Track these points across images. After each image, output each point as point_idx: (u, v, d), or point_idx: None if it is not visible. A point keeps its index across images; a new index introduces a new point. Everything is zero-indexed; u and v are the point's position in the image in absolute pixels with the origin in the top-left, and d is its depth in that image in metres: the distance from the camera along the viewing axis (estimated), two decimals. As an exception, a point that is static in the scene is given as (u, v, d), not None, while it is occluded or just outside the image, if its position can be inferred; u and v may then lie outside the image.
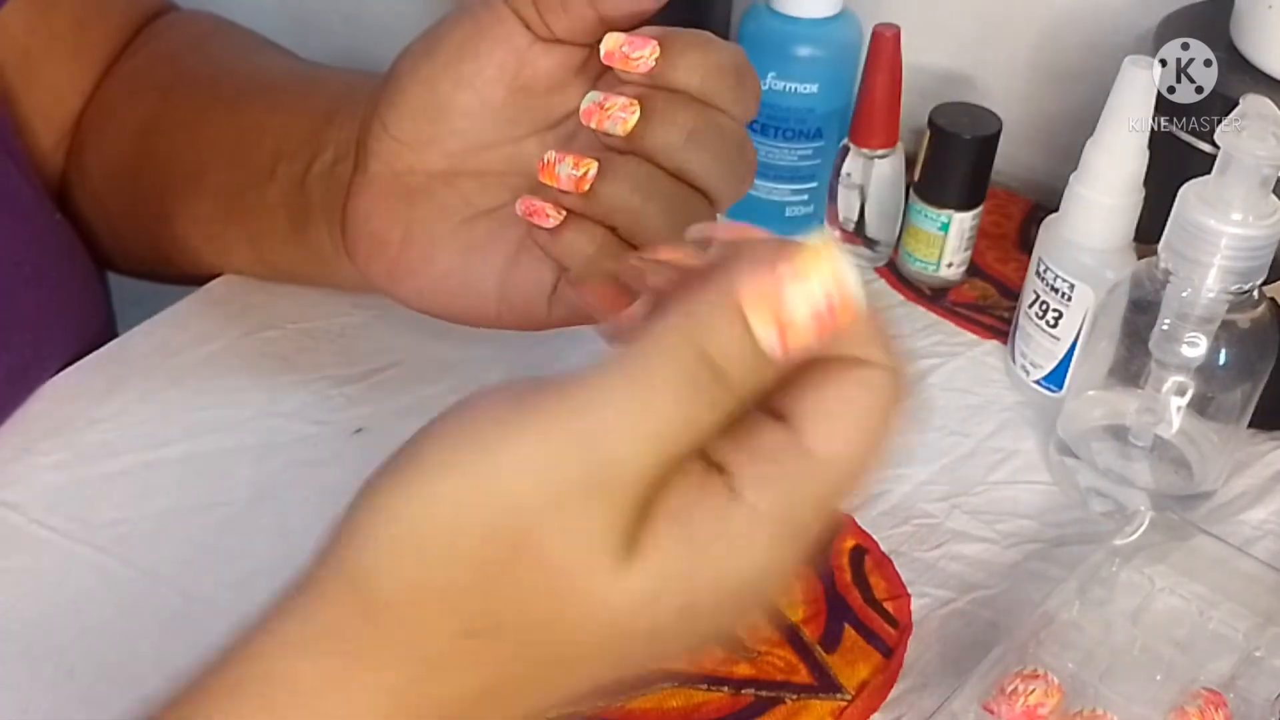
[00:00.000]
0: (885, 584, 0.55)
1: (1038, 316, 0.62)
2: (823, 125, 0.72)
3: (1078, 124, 0.61)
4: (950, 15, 0.80)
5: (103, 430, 0.58)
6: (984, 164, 0.68)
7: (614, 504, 0.29)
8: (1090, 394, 0.59)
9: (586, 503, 0.28)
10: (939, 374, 0.66)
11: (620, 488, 0.29)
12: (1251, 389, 0.55)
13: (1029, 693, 0.46)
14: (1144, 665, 0.48)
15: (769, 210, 0.74)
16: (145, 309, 0.65)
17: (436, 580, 0.29)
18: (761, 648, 0.51)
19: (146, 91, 0.63)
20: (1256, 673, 0.49)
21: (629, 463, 0.29)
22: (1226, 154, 0.49)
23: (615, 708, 0.49)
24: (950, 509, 0.58)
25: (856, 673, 0.51)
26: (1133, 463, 0.58)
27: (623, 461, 0.29)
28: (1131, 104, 0.56)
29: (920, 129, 0.70)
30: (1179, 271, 0.52)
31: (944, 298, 0.71)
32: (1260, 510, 0.59)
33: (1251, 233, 0.50)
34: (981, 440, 0.62)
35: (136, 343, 0.63)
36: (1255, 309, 0.53)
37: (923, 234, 0.69)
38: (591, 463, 0.29)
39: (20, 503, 0.54)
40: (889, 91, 0.67)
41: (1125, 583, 0.51)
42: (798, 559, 0.31)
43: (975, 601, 0.54)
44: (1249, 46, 0.60)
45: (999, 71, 0.79)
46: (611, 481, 0.29)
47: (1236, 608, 0.51)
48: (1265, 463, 0.61)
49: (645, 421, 0.29)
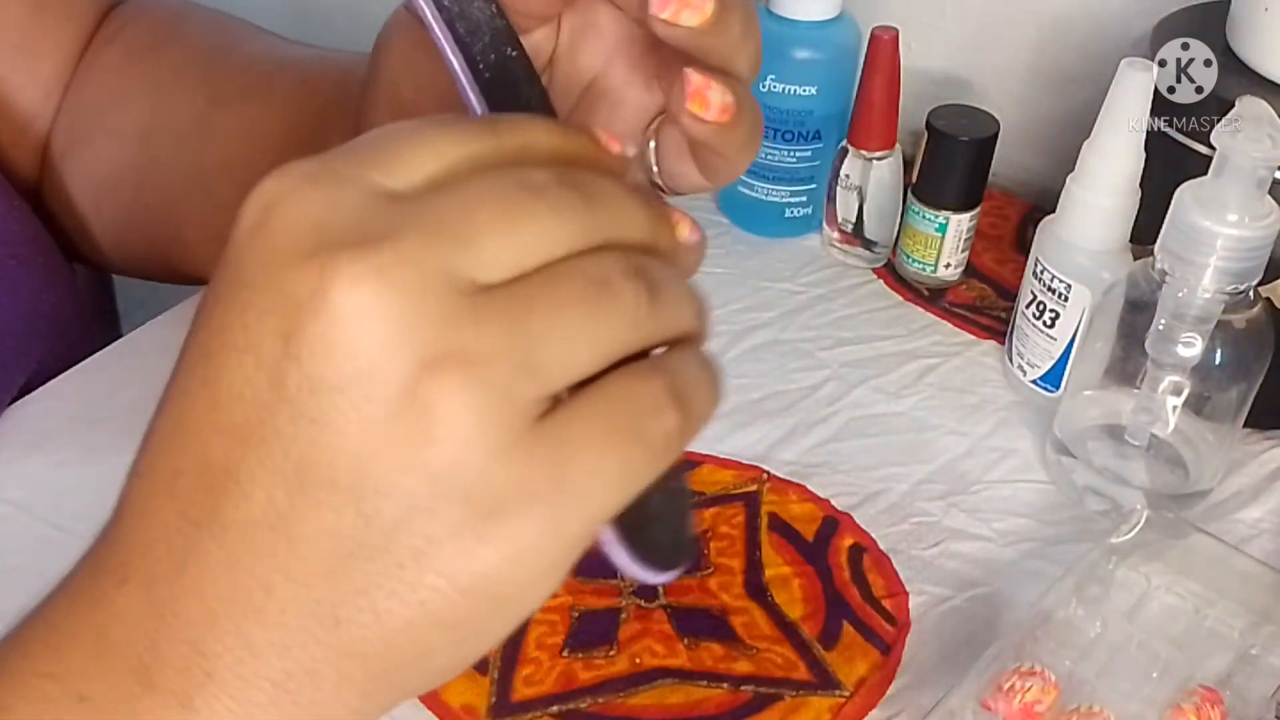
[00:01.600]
0: (883, 582, 0.55)
1: (1035, 317, 0.62)
2: (821, 127, 0.72)
3: (1075, 126, 0.61)
4: (948, 18, 0.80)
5: (109, 429, 0.58)
6: (981, 166, 0.68)
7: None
8: (1087, 393, 0.59)
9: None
10: (937, 374, 0.66)
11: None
12: (1247, 389, 0.56)
13: (1026, 690, 0.46)
14: (1140, 663, 0.49)
15: (768, 211, 0.74)
16: (149, 310, 0.65)
17: (156, 462, 0.27)
18: (760, 645, 0.52)
19: (136, 94, 0.61)
20: (1252, 670, 0.49)
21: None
22: (1222, 155, 0.50)
23: (615, 703, 0.49)
24: (948, 507, 0.58)
25: (855, 669, 0.51)
26: (1129, 462, 0.58)
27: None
28: (1128, 106, 0.56)
29: (918, 131, 0.70)
30: (1175, 272, 0.52)
31: (941, 298, 0.71)
32: (1256, 509, 0.59)
33: (1247, 234, 0.50)
34: (979, 439, 0.62)
35: (141, 342, 0.63)
36: (1251, 309, 0.54)
37: (920, 235, 0.70)
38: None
39: (27, 501, 0.55)
40: (887, 94, 0.67)
41: (1122, 581, 0.52)
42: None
43: (972, 599, 0.54)
44: (1245, 49, 0.60)
45: (996, 74, 0.80)
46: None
47: (1232, 606, 0.51)
48: (1261, 462, 0.61)
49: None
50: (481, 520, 0.25)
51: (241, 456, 0.25)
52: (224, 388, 0.25)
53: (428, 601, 0.25)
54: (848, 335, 0.68)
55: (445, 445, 0.24)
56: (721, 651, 0.51)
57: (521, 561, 0.25)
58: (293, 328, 0.24)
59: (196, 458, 0.26)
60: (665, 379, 0.27)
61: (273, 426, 0.25)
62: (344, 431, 0.24)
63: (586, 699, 0.50)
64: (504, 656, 0.51)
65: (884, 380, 0.66)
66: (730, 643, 0.52)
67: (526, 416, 0.25)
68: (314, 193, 0.25)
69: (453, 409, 0.24)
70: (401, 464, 0.24)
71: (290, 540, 0.25)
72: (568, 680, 0.50)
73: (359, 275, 0.24)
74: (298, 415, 0.25)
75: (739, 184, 0.74)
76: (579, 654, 0.51)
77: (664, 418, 0.26)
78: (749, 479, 0.59)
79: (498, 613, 0.26)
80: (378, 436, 0.24)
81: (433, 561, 0.25)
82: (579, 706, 0.50)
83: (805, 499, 0.59)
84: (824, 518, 0.58)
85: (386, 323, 0.24)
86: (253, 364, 0.25)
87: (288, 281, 0.25)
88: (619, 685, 0.50)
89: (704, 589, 0.54)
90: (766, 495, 0.59)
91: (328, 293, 0.24)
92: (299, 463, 0.25)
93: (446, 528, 0.25)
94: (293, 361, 0.24)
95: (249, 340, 0.25)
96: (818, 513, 0.58)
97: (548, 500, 0.25)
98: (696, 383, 0.27)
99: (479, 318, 0.25)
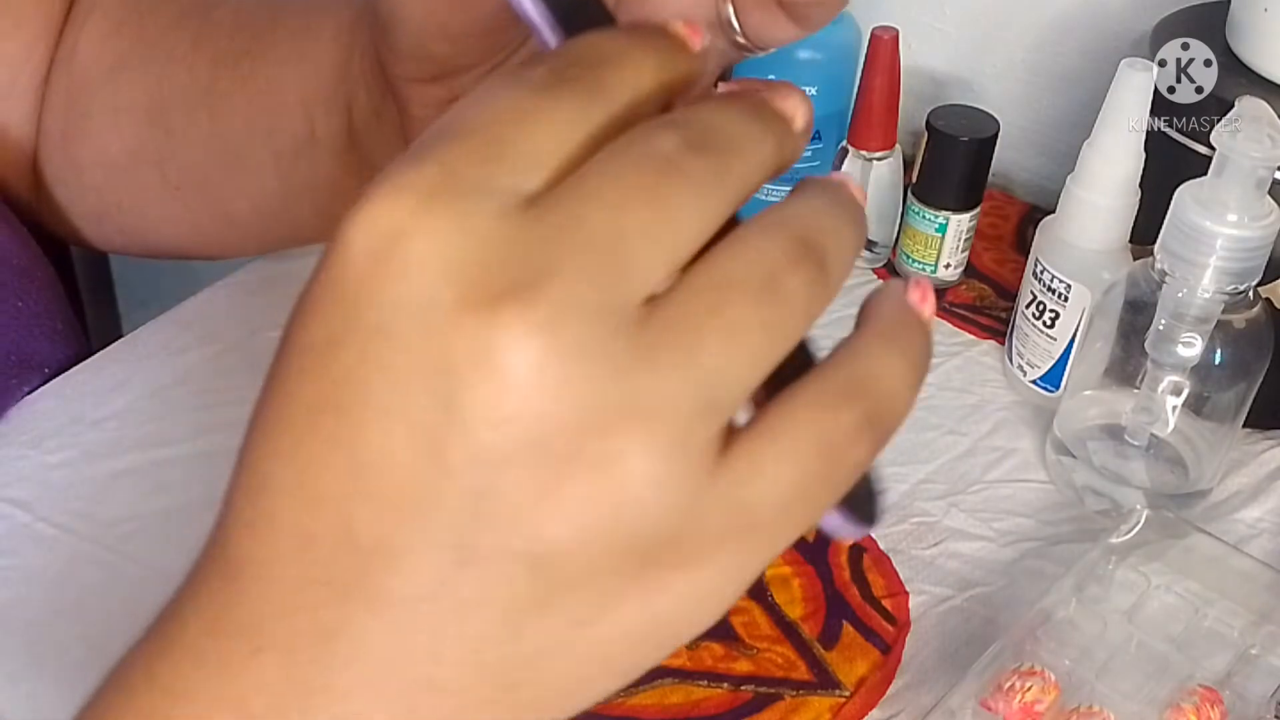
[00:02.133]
0: (883, 581, 0.55)
1: (1034, 317, 0.62)
2: (821, 128, 0.72)
3: (1074, 126, 0.61)
4: (948, 18, 0.80)
5: (110, 428, 0.58)
6: (981, 166, 0.68)
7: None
8: (1086, 393, 0.59)
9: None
10: (937, 374, 0.66)
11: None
12: (1247, 389, 0.56)
13: (1026, 689, 0.46)
14: (1140, 662, 0.49)
15: (768, 211, 0.74)
16: (151, 310, 0.65)
17: (279, 511, 0.24)
18: (760, 644, 0.52)
19: (130, 66, 0.58)
20: (1252, 670, 0.49)
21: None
22: (1222, 156, 0.50)
23: (615, 703, 0.49)
24: (948, 507, 0.58)
25: (855, 669, 0.51)
26: (1129, 461, 0.58)
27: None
28: (1128, 106, 0.56)
29: (918, 131, 0.70)
30: (1175, 272, 0.52)
31: (941, 299, 0.71)
32: (1255, 508, 0.59)
33: (1247, 234, 0.50)
34: (979, 439, 0.62)
35: (143, 341, 0.63)
36: (1250, 309, 0.54)
37: (920, 235, 0.70)
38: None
39: (27, 500, 0.55)
40: (887, 94, 0.67)
41: (1121, 581, 0.52)
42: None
43: (973, 599, 0.54)
44: (1245, 49, 0.60)
45: (996, 74, 0.80)
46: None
47: (1232, 605, 0.51)
48: (1260, 461, 0.61)
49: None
50: (666, 571, 0.23)
51: (396, 528, 0.23)
52: (369, 453, 0.23)
53: (604, 654, 0.24)
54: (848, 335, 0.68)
55: (627, 504, 0.22)
56: (722, 651, 0.51)
57: (701, 605, 0.24)
58: (453, 393, 0.22)
59: (335, 525, 0.23)
60: (862, 407, 0.24)
61: (434, 500, 0.22)
62: (518, 503, 0.22)
63: (587, 698, 0.50)
64: (504, 656, 0.51)
65: (884, 380, 0.66)
66: (730, 642, 0.52)
67: (709, 457, 0.23)
68: (446, 219, 0.22)
69: (634, 467, 0.22)
70: (582, 527, 0.22)
71: (459, 608, 0.23)
72: (568, 680, 0.50)
73: (526, 332, 0.21)
74: (464, 489, 0.22)
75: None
76: (579, 653, 0.51)
77: (857, 449, 0.24)
78: (749, 479, 0.59)
79: (669, 649, 0.25)
80: (555, 503, 0.22)
81: (613, 615, 0.24)
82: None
83: (805, 499, 0.59)
84: (824, 517, 0.58)
85: (558, 383, 0.22)
86: (404, 430, 0.22)
87: (439, 338, 0.22)
88: (619, 685, 0.50)
89: (704, 589, 0.54)
90: (767, 495, 0.59)
91: (493, 354, 0.21)
92: (466, 536, 0.23)
93: (632, 582, 0.23)
94: (457, 431, 0.22)
95: (396, 403, 0.22)
96: (818, 512, 0.58)
97: (734, 545, 0.24)
98: (893, 399, 0.25)
99: (650, 360, 0.22)
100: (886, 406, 0.25)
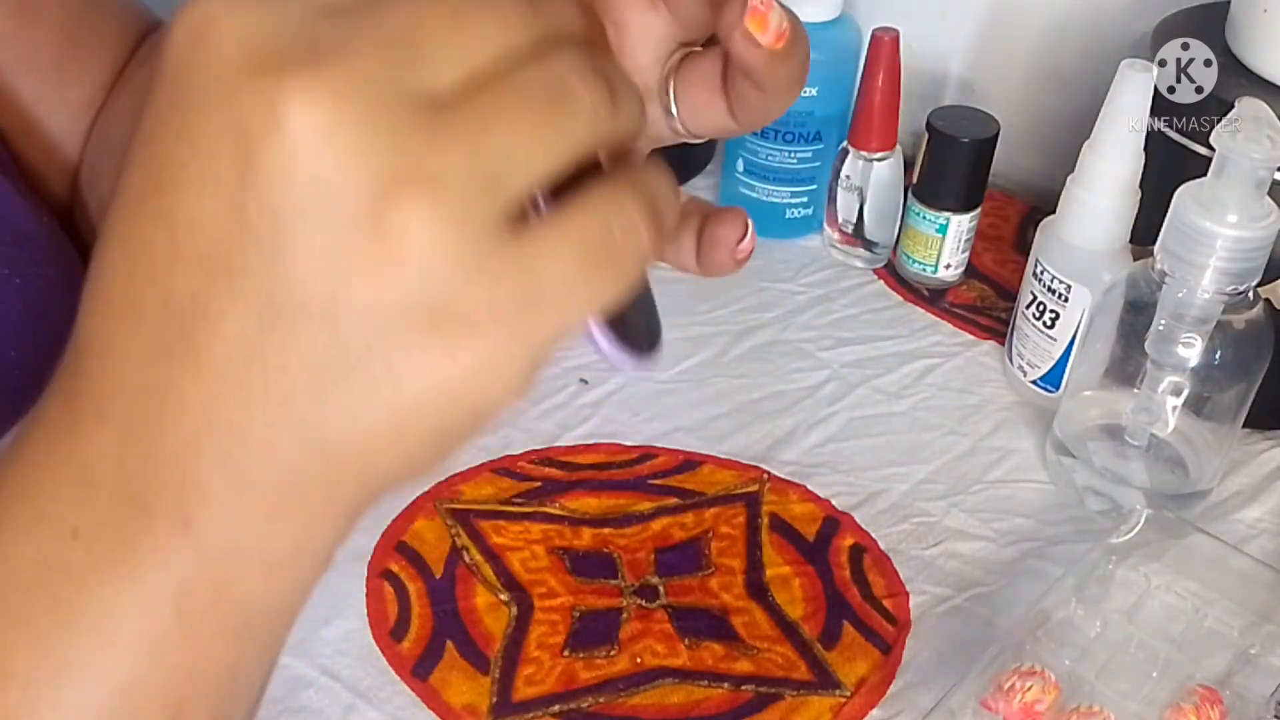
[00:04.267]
0: (884, 582, 0.55)
1: (1035, 317, 0.62)
2: (822, 128, 0.72)
3: (1075, 127, 0.61)
4: (949, 19, 0.80)
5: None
6: (982, 167, 0.69)
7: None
8: (1086, 394, 0.59)
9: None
10: (937, 374, 0.66)
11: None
12: (1246, 389, 0.56)
13: (1026, 689, 0.46)
14: (1140, 662, 0.49)
15: (769, 212, 0.74)
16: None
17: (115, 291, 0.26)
18: (761, 644, 0.52)
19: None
20: (1252, 670, 0.49)
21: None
22: (1222, 156, 0.50)
23: (615, 703, 0.50)
24: (948, 508, 0.59)
25: (855, 669, 0.51)
26: (1129, 462, 0.58)
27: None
28: (1128, 107, 0.56)
29: (919, 132, 0.70)
30: (1175, 273, 0.52)
31: (942, 299, 0.71)
32: (1255, 509, 0.59)
33: (1246, 234, 0.50)
34: (979, 440, 0.62)
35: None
36: (1250, 310, 0.54)
37: (921, 236, 0.70)
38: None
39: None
40: (888, 95, 0.68)
41: (1121, 581, 0.52)
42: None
43: (973, 599, 0.54)
44: (1244, 50, 0.60)
45: (997, 75, 0.80)
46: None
47: (1232, 605, 0.51)
48: (1260, 462, 0.61)
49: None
50: (453, 335, 0.25)
51: (209, 290, 0.25)
52: (181, 221, 0.25)
53: (406, 414, 0.26)
54: (848, 335, 0.69)
55: (412, 265, 0.24)
56: (722, 651, 0.52)
57: (494, 371, 0.26)
58: (248, 155, 0.24)
59: (158, 293, 0.25)
60: (640, 197, 0.26)
61: (238, 258, 0.24)
62: (310, 258, 0.24)
63: (588, 699, 0.50)
64: (505, 656, 0.51)
65: (884, 380, 0.66)
66: (731, 642, 0.52)
67: (493, 230, 0.25)
68: (255, 5, 0.24)
69: (417, 229, 0.24)
70: (370, 285, 0.24)
71: (266, 368, 0.25)
72: (569, 680, 0.50)
73: (313, 96, 0.23)
74: (263, 246, 0.24)
75: (739, 185, 0.74)
76: (580, 654, 0.51)
77: (638, 235, 0.26)
78: (750, 479, 0.60)
79: (473, 418, 0.26)
80: (345, 260, 0.24)
81: (408, 376, 0.25)
82: (580, 706, 0.50)
83: (806, 499, 0.59)
84: (824, 518, 0.58)
85: (345, 145, 0.23)
86: (210, 195, 0.24)
87: (236, 105, 0.24)
88: (620, 685, 0.50)
89: (705, 589, 0.54)
90: (767, 495, 0.59)
91: (281, 116, 0.23)
92: (268, 293, 0.24)
93: (419, 344, 0.25)
94: (251, 190, 0.24)
95: (202, 170, 0.24)
96: (818, 513, 0.58)
97: (518, 314, 0.25)
98: (665, 196, 0.27)
99: (436, 135, 0.24)
100: (664, 205, 0.27)
